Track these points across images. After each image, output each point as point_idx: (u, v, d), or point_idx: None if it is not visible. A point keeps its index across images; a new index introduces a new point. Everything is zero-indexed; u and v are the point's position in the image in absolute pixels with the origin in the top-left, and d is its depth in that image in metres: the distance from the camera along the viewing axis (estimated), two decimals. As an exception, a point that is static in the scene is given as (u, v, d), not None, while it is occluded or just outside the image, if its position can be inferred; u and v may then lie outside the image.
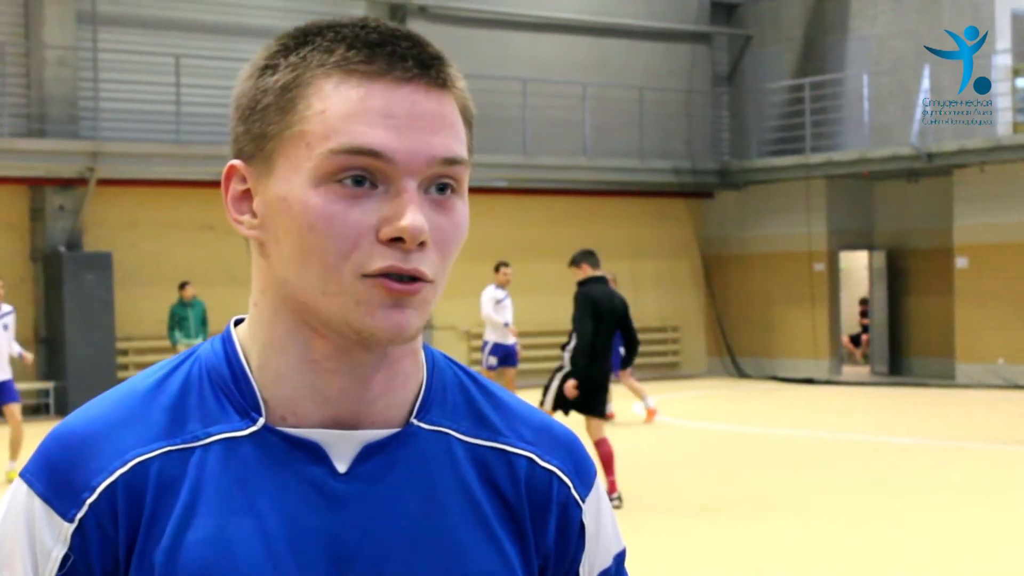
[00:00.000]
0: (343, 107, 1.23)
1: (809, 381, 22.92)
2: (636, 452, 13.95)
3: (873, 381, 23.01)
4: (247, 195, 1.30)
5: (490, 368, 16.01)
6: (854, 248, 24.13)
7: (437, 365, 1.37)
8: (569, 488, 1.38)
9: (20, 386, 18.87)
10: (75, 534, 1.26)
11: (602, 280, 10.48)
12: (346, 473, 1.28)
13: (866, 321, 25.37)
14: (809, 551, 8.88)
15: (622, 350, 11.50)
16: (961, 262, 21.56)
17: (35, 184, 19.05)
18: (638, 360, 24.22)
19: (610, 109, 23.64)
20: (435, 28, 22.22)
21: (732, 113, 25.61)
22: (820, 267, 23.42)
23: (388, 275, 1.22)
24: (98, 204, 19.20)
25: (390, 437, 1.30)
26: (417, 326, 1.25)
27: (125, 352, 19.56)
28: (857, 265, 25.72)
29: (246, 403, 1.30)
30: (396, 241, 1.22)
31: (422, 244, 1.23)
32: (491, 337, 16.14)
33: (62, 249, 18.80)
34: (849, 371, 24.47)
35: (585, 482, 1.40)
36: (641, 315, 24.38)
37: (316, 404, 1.29)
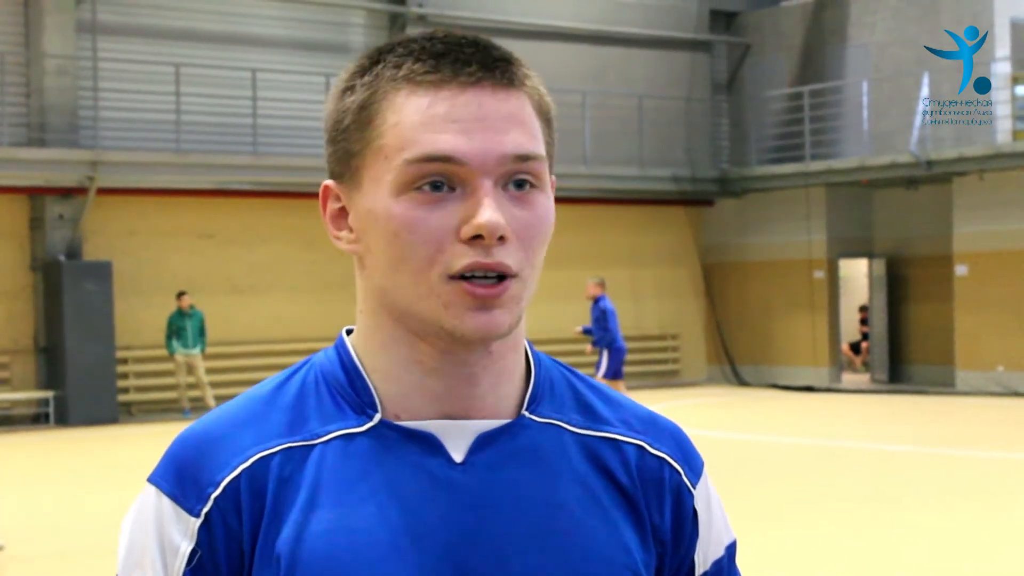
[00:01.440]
0: (413, 117, 1.28)
1: (809, 389, 22.91)
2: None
3: (873, 389, 23.00)
4: (343, 212, 1.35)
5: None
6: (854, 256, 24.13)
7: (543, 363, 1.42)
8: (680, 474, 1.41)
9: (19, 395, 18.89)
10: (201, 529, 1.30)
11: None
12: (463, 462, 1.32)
13: (866, 329, 25.36)
14: (809, 559, 8.87)
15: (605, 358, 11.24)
16: (961, 270, 21.56)
17: (35, 193, 19.05)
18: (639, 368, 24.33)
19: (610, 117, 23.65)
20: (434, 37, 22.24)
21: (732, 121, 25.62)
22: (820, 275, 23.42)
23: (473, 276, 1.27)
24: (98, 213, 19.20)
25: (503, 427, 1.34)
26: (509, 323, 1.29)
27: (125, 361, 19.54)
28: (857, 273, 25.72)
29: (362, 401, 1.34)
30: (476, 239, 1.26)
31: (502, 239, 1.27)
32: None
33: (62, 258, 18.79)
34: (849, 379, 24.46)
35: (695, 470, 1.43)
36: (641, 323, 24.41)
37: (427, 401, 1.33)
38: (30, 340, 19.10)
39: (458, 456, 1.32)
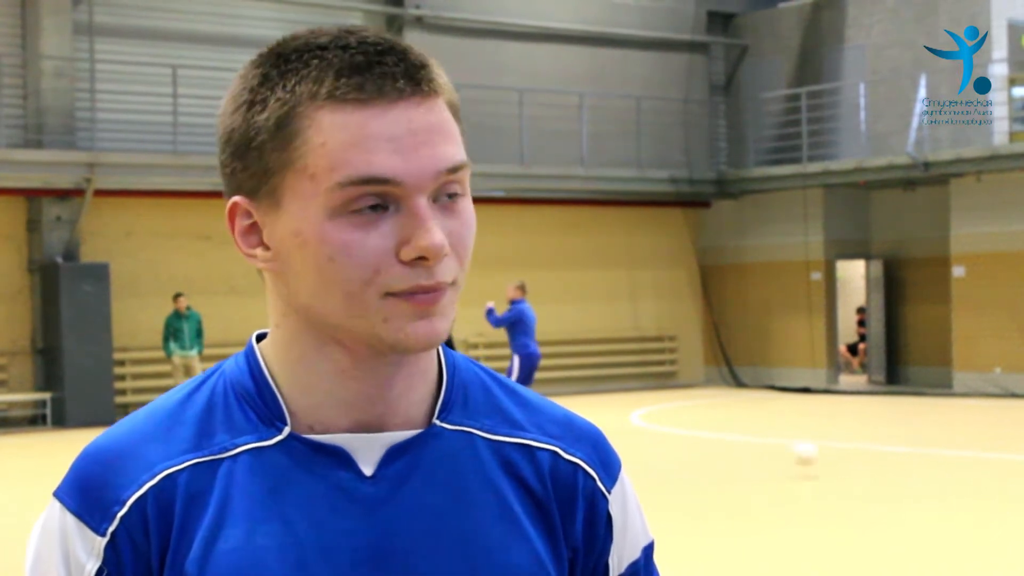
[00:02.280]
0: (342, 137, 1.23)
1: (806, 390, 22.92)
2: (634, 461, 13.95)
3: (870, 390, 23.01)
4: (255, 228, 1.30)
5: None
6: (851, 257, 24.15)
7: (458, 366, 1.39)
8: (595, 480, 1.39)
9: (16, 397, 18.88)
10: (108, 548, 1.28)
11: None
12: (372, 476, 1.30)
13: (863, 330, 25.37)
14: (805, 560, 8.87)
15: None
16: (958, 271, 21.57)
17: (32, 195, 19.05)
18: (635, 369, 24.33)
19: (607, 119, 23.65)
20: (432, 38, 22.24)
21: (729, 123, 25.63)
22: (817, 276, 23.43)
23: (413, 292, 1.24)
24: (95, 215, 19.20)
25: (414, 438, 1.32)
26: (447, 329, 1.27)
27: (122, 363, 19.54)
28: (854, 274, 25.73)
29: (271, 413, 1.31)
30: (418, 260, 1.23)
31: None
32: None
33: (59, 260, 18.79)
34: (846, 380, 24.47)
35: (611, 474, 1.41)
36: (638, 324, 24.42)
37: (341, 411, 1.30)
38: (27, 342, 19.09)
39: (368, 469, 1.29)
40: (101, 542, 1.28)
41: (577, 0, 23.91)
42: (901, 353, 23.76)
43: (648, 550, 1.44)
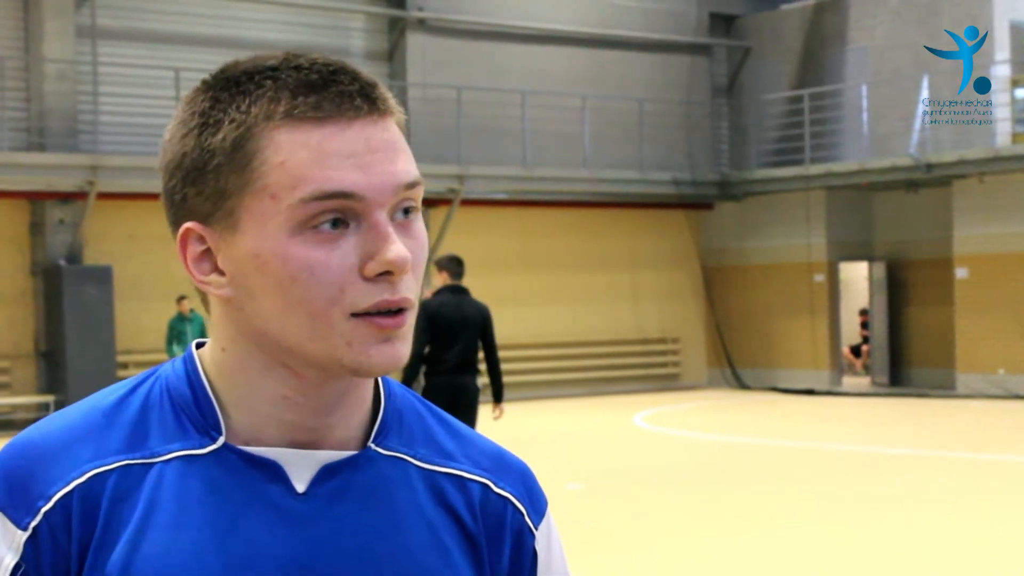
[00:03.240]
0: (303, 155, 1.23)
1: (809, 392, 22.91)
2: (637, 463, 13.95)
3: (873, 392, 23.00)
4: (208, 255, 1.29)
5: None
6: (854, 259, 24.14)
7: (393, 393, 1.38)
8: (523, 515, 1.39)
9: (20, 400, 18.90)
10: (28, 543, 1.26)
11: (459, 289, 9.96)
12: (304, 493, 1.29)
13: (866, 332, 25.36)
14: (809, 562, 8.87)
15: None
16: (961, 272, 21.56)
17: (35, 198, 19.06)
18: (639, 371, 24.33)
19: (610, 121, 23.65)
20: (435, 40, 22.26)
21: (731, 124, 25.63)
22: (820, 278, 23.42)
23: (378, 311, 1.24)
24: (98, 217, 19.21)
25: (348, 459, 1.31)
26: (407, 353, 1.27)
27: (125, 366, 19.54)
28: (857, 276, 25.72)
29: (207, 423, 1.30)
30: (383, 275, 1.23)
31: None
32: None
33: (62, 263, 18.80)
34: (849, 382, 24.46)
35: (538, 511, 1.41)
36: (641, 326, 24.41)
37: (279, 430, 1.30)
38: (31, 345, 19.11)
39: (300, 486, 1.29)
40: (22, 536, 1.26)
41: (579, 2, 23.92)
42: (904, 355, 23.76)
43: None
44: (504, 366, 10.66)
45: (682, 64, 25.01)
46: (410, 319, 1.26)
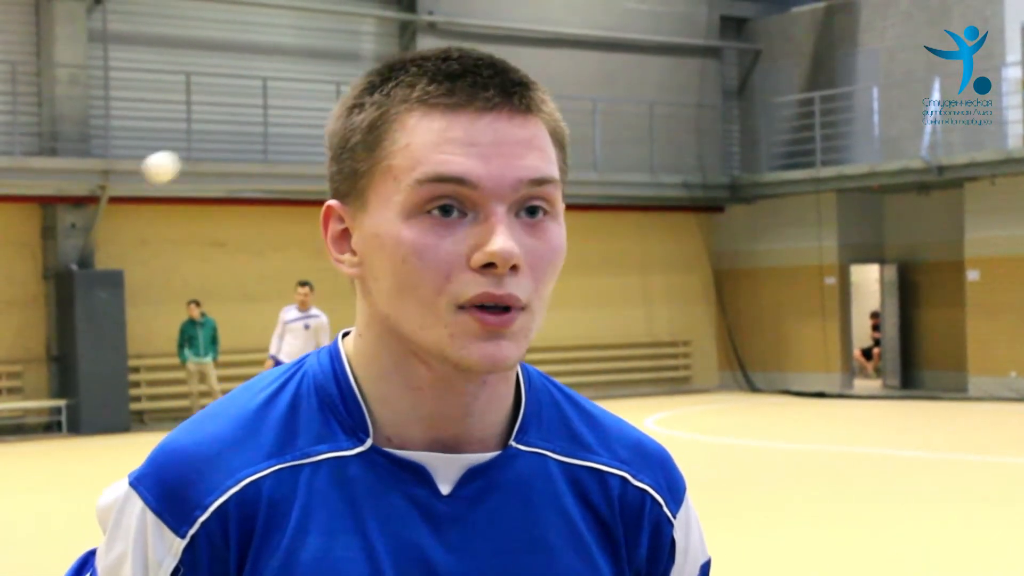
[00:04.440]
0: (426, 139, 1.24)
1: (821, 395, 22.87)
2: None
3: (885, 394, 22.96)
4: (346, 234, 1.32)
5: None
6: (865, 261, 24.11)
7: (532, 384, 1.39)
8: (661, 506, 1.41)
9: (31, 404, 18.93)
10: (186, 550, 1.29)
11: None
12: (449, 495, 1.31)
13: (878, 335, 25.32)
14: (820, 565, 8.86)
15: None
16: (973, 275, 21.52)
17: (47, 202, 19.10)
18: (649, 375, 24.32)
19: (620, 124, 23.65)
20: (444, 44, 22.17)
21: (742, 127, 25.62)
22: (831, 281, 23.39)
23: (483, 305, 1.23)
24: (109, 222, 19.24)
25: (491, 460, 1.33)
26: (516, 356, 1.26)
27: (137, 370, 19.58)
28: (868, 278, 25.68)
29: (354, 423, 1.32)
30: (488, 267, 1.23)
31: (515, 268, 1.24)
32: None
33: (74, 267, 18.83)
34: (861, 385, 24.42)
35: (676, 499, 1.43)
36: (652, 329, 24.40)
37: (419, 427, 1.31)
38: (42, 349, 19.14)
39: (445, 488, 1.31)
40: (180, 543, 1.29)
41: (590, 5, 23.92)
42: (916, 357, 23.71)
43: (705, 568, 1.47)
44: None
45: (693, 67, 25.00)
46: (521, 321, 1.25)
